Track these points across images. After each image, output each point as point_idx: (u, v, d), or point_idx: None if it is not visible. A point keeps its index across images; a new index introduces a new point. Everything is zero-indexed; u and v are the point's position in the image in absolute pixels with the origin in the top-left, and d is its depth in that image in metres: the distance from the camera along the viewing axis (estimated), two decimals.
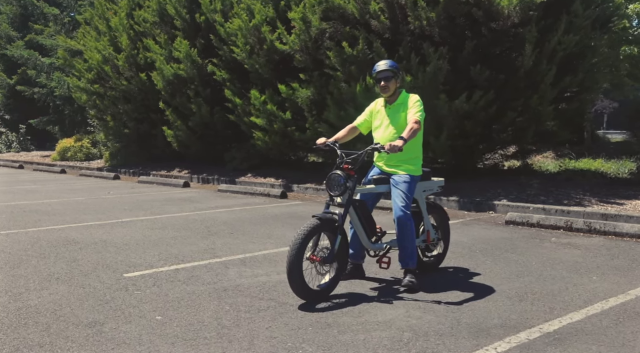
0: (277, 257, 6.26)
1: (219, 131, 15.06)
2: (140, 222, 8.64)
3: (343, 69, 11.30)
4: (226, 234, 7.63)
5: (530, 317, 4.22)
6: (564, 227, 7.60)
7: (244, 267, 5.83)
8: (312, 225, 4.61)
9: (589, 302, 4.56)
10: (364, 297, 4.79)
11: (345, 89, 11.38)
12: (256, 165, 14.51)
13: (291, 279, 4.52)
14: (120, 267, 5.89)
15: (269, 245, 6.88)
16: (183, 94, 15.18)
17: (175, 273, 5.61)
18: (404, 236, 4.96)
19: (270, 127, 12.85)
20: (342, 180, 4.79)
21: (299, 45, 11.98)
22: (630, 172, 10.65)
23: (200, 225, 8.36)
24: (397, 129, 5.13)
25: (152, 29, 16.27)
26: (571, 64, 10.50)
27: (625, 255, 6.22)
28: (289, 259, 4.49)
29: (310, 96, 12.10)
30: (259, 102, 12.83)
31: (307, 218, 8.88)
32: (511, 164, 12.87)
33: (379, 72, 5.18)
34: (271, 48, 12.71)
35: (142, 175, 16.32)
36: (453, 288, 4.99)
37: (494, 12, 9.65)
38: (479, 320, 4.17)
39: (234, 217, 9.06)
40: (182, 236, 7.51)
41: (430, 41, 10.15)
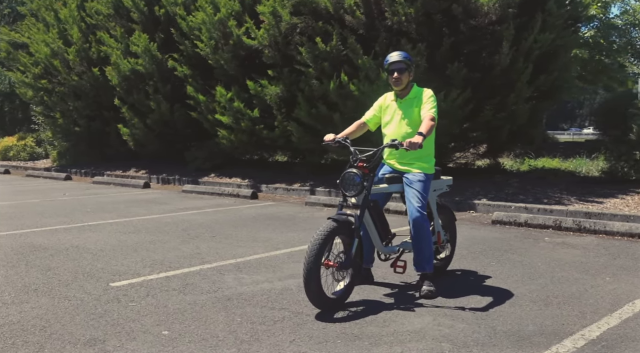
0: (272, 262, 5.89)
1: (180, 129, 14.48)
2: (110, 226, 8.08)
3: (315, 66, 10.98)
4: (208, 238, 7.19)
5: (566, 322, 4.01)
6: (552, 226, 7.52)
7: (240, 273, 5.43)
8: (330, 229, 4.27)
9: (617, 304, 4.40)
10: (382, 304, 4.49)
11: (317, 86, 11.06)
12: (219, 165, 14.00)
13: (308, 287, 4.17)
14: (103, 275, 5.39)
15: (258, 249, 6.49)
16: (141, 90, 14.53)
17: (167, 282, 5.16)
18: (421, 238, 4.68)
19: (237, 125, 12.39)
20: (358, 179, 4.47)
21: (268, 40, 11.59)
22: (602, 171, 10.74)
23: (176, 228, 7.88)
24: (410, 125, 4.84)
25: (106, 21, 15.52)
26: (545, 63, 10.51)
27: (625, 254, 6.14)
28: (307, 266, 4.14)
29: (280, 93, 11.73)
30: (225, 99, 12.36)
31: (285, 220, 8.59)
32: (481, 163, 12.85)
33: (392, 63, 4.89)
34: (238, 43, 12.26)
35: (95, 175, 15.54)
36: (470, 293, 4.75)
37: (472, 9, 9.54)
38: (513, 327, 3.93)
39: (209, 219, 8.60)
40: (160, 240, 7.03)
41: (407, 38, 9.96)
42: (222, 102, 12.43)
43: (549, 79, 10.50)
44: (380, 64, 10.18)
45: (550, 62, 10.59)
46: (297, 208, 9.72)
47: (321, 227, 4.31)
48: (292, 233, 7.48)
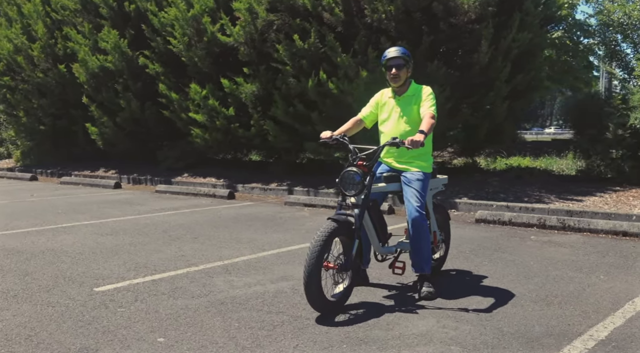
0: (260, 264, 5.72)
1: (151, 128, 14.14)
2: (85, 227, 7.79)
3: (293, 63, 10.81)
4: (190, 239, 6.97)
5: (571, 322, 3.96)
6: (537, 224, 7.52)
7: (229, 276, 5.25)
8: (330, 229, 4.13)
9: (617, 303, 4.37)
10: (382, 307, 4.37)
11: (294, 84, 10.90)
12: (193, 164, 13.73)
13: (309, 290, 4.03)
14: (85, 279, 5.15)
15: (244, 251, 6.32)
16: (110, 88, 14.15)
17: (154, 286, 4.96)
18: (420, 239, 4.57)
19: (212, 124, 12.14)
20: (358, 178, 4.34)
21: (244, 37, 11.38)
22: (579, 170, 10.85)
23: (155, 229, 7.64)
24: (409, 123, 4.73)
25: (73, 17, 15.07)
26: (522, 62, 10.56)
27: (613, 252, 6.15)
28: (308, 268, 3.99)
29: (256, 91, 11.53)
30: (199, 97, 12.10)
31: (267, 220, 8.42)
32: (457, 162, 12.87)
33: (390, 59, 4.77)
34: (212, 40, 12.02)
35: (63, 175, 15.09)
36: (469, 294, 4.67)
37: (452, 8, 9.51)
38: (520, 328, 3.86)
39: (188, 220, 8.37)
40: (140, 242, 6.79)
41: (387, 36, 9.88)
42: (197, 100, 12.17)
43: (525, 78, 10.56)
44: (359, 62, 10.11)
45: (527, 61, 10.65)
46: (277, 209, 9.55)
47: (321, 227, 4.16)
48: (276, 234, 7.32)
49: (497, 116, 10.33)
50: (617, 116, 9.78)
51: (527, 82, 10.74)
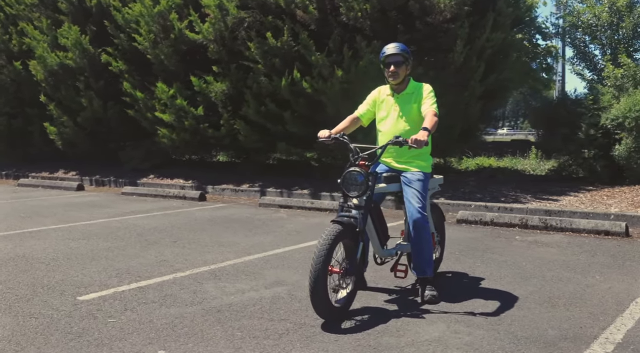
0: (249, 268, 5.51)
1: (114, 128, 13.68)
2: (54, 232, 7.42)
3: (265, 62, 10.60)
4: (169, 243, 6.69)
5: (583, 325, 3.89)
6: (519, 224, 7.52)
7: (220, 282, 5.03)
8: (336, 233, 3.96)
9: (621, 304, 4.33)
10: (386, 312, 4.22)
11: (266, 83, 10.69)
12: (158, 165, 13.35)
13: (316, 297, 3.85)
14: (66, 288, 4.84)
15: (228, 255, 6.08)
16: (70, 86, 13.65)
17: (142, 293, 4.69)
18: (422, 241, 4.44)
19: (179, 124, 11.81)
20: (361, 179, 4.18)
21: (213, 34, 11.11)
22: (551, 169, 10.96)
23: (129, 233, 7.32)
24: (408, 121, 4.60)
25: (29, 11, 14.50)
26: (495, 62, 10.61)
27: (600, 252, 6.17)
28: (314, 273, 3.81)
29: (226, 90, 11.27)
30: (166, 96, 11.75)
31: (245, 222, 8.18)
32: None
33: (389, 55, 4.63)
34: (179, 37, 11.70)
35: (20, 177, 14.47)
36: (471, 296, 4.56)
37: (428, 7, 9.47)
38: (533, 332, 3.76)
39: (162, 223, 8.07)
40: (116, 247, 6.48)
41: (362, 34, 9.76)
42: (164, 99, 11.82)
43: (498, 78, 10.61)
44: (334, 61, 9.97)
45: (500, 61, 10.71)
46: (252, 210, 9.32)
47: (326, 230, 3.99)
48: (258, 236, 7.10)
49: (471, 116, 10.35)
50: (589, 116, 9.90)
51: (500, 82, 10.80)
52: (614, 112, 9.55)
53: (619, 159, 9.53)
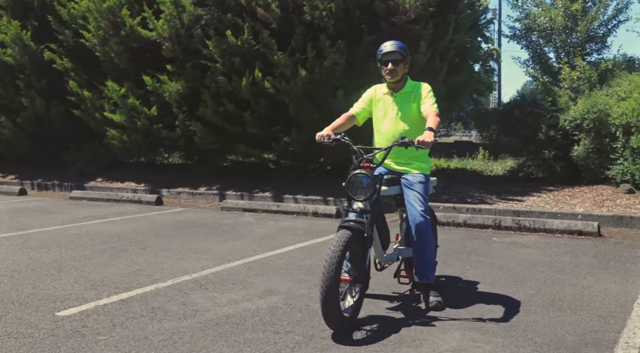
0: (233, 276, 5.23)
1: (57, 128, 12.98)
2: (7, 241, 6.89)
3: (223, 61, 10.27)
4: (138, 251, 6.31)
5: (597, 329, 3.83)
6: (492, 225, 7.53)
7: (207, 292, 4.73)
8: (346, 239, 3.76)
9: (625, 306, 4.32)
10: (394, 321, 4.05)
11: (224, 82, 10.35)
12: (106, 168, 12.74)
13: (328, 307, 3.63)
14: (40, 303, 4.44)
15: (207, 262, 5.78)
16: (9, 84, 12.90)
17: (126, 307, 4.35)
18: (424, 245, 4.30)
19: (131, 124, 11.31)
20: (367, 181, 4.00)
21: (168, 32, 10.68)
22: (510, 170, 11.11)
23: (91, 240, 6.88)
24: (408, 121, 4.45)
25: None
26: (456, 64, 10.66)
27: (581, 252, 6.20)
28: (327, 282, 3.60)
29: (181, 90, 10.85)
30: (117, 95, 11.22)
31: (212, 227, 7.85)
32: None
33: (386, 53, 4.47)
34: (131, 34, 11.20)
35: None
36: (473, 301, 4.45)
37: (393, 7, 9.40)
38: (552, 338, 3.67)
39: (124, 229, 7.64)
40: (82, 256, 6.05)
41: (326, 34, 9.60)
42: (114, 98, 11.28)
43: (459, 79, 10.67)
44: (297, 60, 9.76)
45: (461, 62, 10.78)
46: (215, 214, 8.98)
47: (336, 237, 3.78)
48: (231, 242, 6.81)
49: None
50: (548, 118, 10.09)
51: (461, 83, 10.87)
52: (572, 114, 9.77)
53: (578, 159, 9.75)
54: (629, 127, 8.76)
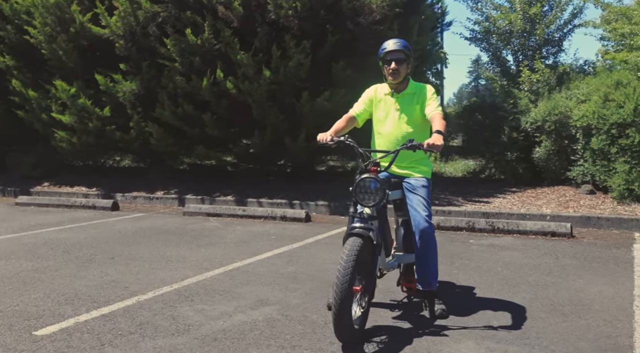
0: (218, 286, 4.95)
1: None
2: None
3: (182, 60, 9.89)
4: (106, 260, 5.93)
5: (608, 334, 3.77)
6: (466, 227, 7.49)
7: (195, 304, 4.45)
8: (358, 247, 3.57)
9: (625, 309, 4.30)
10: (402, 330, 3.89)
11: (182, 82, 9.97)
12: (53, 172, 12.09)
13: (341, 320, 3.43)
14: (13, 321, 4.05)
15: (186, 271, 5.46)
16: None
17: (111, 323, 4.01)
18: (428, 252, 4.14)
19: (82, 126, 10.75)
20: (375, 186, 3.82)
21: (122, 29, 10.20)
22: (472, 171, 11.17)
23: (52, 250, 6.43)
24: (411, 123, 4.29)
25: None
26: (419, 66, 10.63)
27: (561, 253, 6.20)
28: (340, 294, 3.39)
29: (136, 90, 10.39)
30: (66, 95, 10.64)
31: (180, 233, 7.49)
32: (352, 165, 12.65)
33: (389, 52, 4.30)
34: (81, 31, 10.65)
35: None
36: (475, 308, 4.32)
37: (358, 7, 9.27)
38: (567, 345, 3.58)
39: (84, 237, 7.19)
40: (46, 267, 5.62)
41: (291, 34, 9.37)
42: (63, 98, 10.69)
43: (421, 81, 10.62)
44: (261, 60, 9.50)
45: (420, 65, 10.76)
46: (178, 220, 8.61)
47: (347, 245, 3.59)
48: (204, 249, 6.50)
49: None
50: (510, 120, 10.19)
51: None
52: (533, 116, 9.90)
53: (539, 160, 9.89)
54: (589, 129, 8.93)
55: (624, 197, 8.47)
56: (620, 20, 9.35)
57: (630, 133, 8.25)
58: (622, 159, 8.45)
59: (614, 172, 8.64)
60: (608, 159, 8.75)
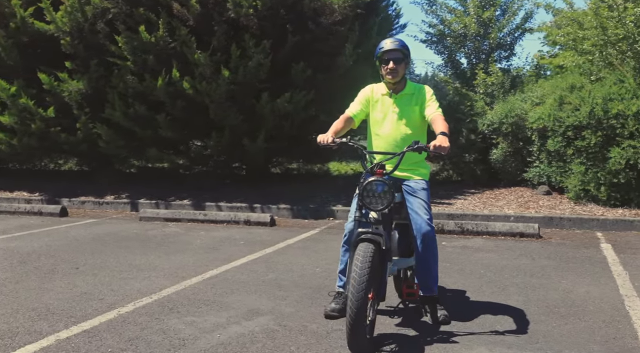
0: (200, 296, 4.69)
1: None
2: None
3: (134, 59, 9.48)
4: (71, 270, 5.54)
5: (614, 336, 3.75)
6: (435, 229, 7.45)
7: (183, 316, 4.18)
8: (372, 253, 3.42)
9: (618, 309, 4.32)
10: (411, 339, 3.76)
11: (134, 82, 9.55)
12: None
13: (356, 331, 3.27)
14: None
15: (160, 280, 5.16)
16: None
17: (96, 340, 3.71)
18: (430, 256, 4.04)
19: (23, 127, 10.15)
20: (382, 189, 3.68)
21: (69, 26, 9.68)
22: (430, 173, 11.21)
23: (6, 261, 5.96)
24: (409, 125, 4.17)
25: None
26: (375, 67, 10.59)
27: (536, 254, 6.23)
28: (357, 303, 3.24)
29: (83, 90, 9.89)
30: (7, 94, 10.01)
31: (143, 240, 7.13)
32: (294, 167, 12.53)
33: (387, 51, 4.17)
34: (22, 27, 10.04)
35: None
36: (475, 313, 4.22)
37: (319, 8, 9.14)
38: (579, 349, 3.53)
39: (39, 246, 6.72)
40: (5, 280, 5.19)
41: (250, 33, 9.13)
42: (3, 98, 10.05)
43: None
44: (218, 60, 9.22)
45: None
46: (135, 225, 8.20)
47: (359, 251, 3.43)
48: (174, 256, 6.19)
49: None
50: (467, 122, 10.30)
51: None
52: (490, 118, 10.04)
53: (496, 162, 10.04)
54: (544, 131, 9.12)
55: (579, 197, 8.69)
56: (571, 25, 9.59)
57: (587, 135, 8.46)
58: (578, 161, 8.66)
59: (569, 173, 8.85)
60: (564, 161, 8.96)
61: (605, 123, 8.35)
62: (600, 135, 8.38)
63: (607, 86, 8.66)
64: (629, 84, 8.56)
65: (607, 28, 8.98)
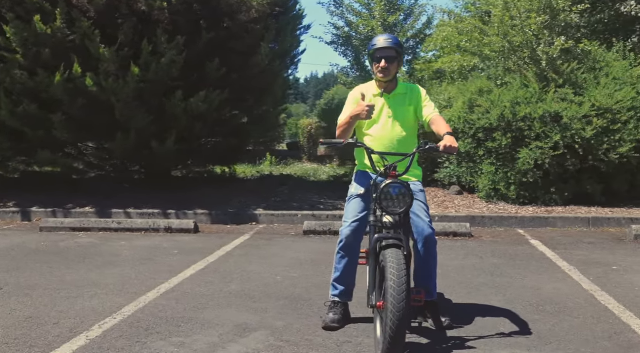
0: (172, 314, 4.21)
1: None
2: None
3: (25, 52, 8.50)
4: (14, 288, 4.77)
5: (615, 331, 3.83)
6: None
7: (166, 337, 3.70)
8: (403, 259, 3.25)
9: (595, 304, 4.47)
10: (424, 346, 3.60)
11: (24, 77, 8.57)
12: None
13: (398, 343, 3.08)
14: None
15: (113, 298, 4.58)
16: None
17: None
18: (431, 260, 3.90)
19: None
20: (398, 191, 3.50)
21: None
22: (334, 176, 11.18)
23: None
24: (404, 126, 4.00)
25: None
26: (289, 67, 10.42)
27: (480, 253, 6.33)
28: (398, 316, 3.04)
29: None
30: None
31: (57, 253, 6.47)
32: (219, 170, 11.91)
33: (379, 49, 3.97)
34: None
35: None
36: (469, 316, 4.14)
37: (235, 4, 8.77)
38: (592, 347, 3.53)
39: None
40: None
41: (163, 28, 8.54)
42: None
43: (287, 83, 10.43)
44: (126, 56, 8.53)
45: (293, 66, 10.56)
46: (37, 237, 7.26)
47: (392, 258, 3.23)
48: (109, 270, 5.54)
49: (270, 121, 9.93)
50: None
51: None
52: None
53: None
54: (455, 133, 9.41)
55: (490, 196, 9.08)
56: (475, 31, 10.02)
57: (497, 137, 8.85)
58: (489, 161, 9.04)
59: (480, 173, 9.22)
60: (474, 161, 9.31)
61: (515, 125, 8.79)
62: (510, 137, 8.81)
63: (514, 90, 9.13)
64: (534, 88, 9.09)
65: (507, 34, 9.47)
